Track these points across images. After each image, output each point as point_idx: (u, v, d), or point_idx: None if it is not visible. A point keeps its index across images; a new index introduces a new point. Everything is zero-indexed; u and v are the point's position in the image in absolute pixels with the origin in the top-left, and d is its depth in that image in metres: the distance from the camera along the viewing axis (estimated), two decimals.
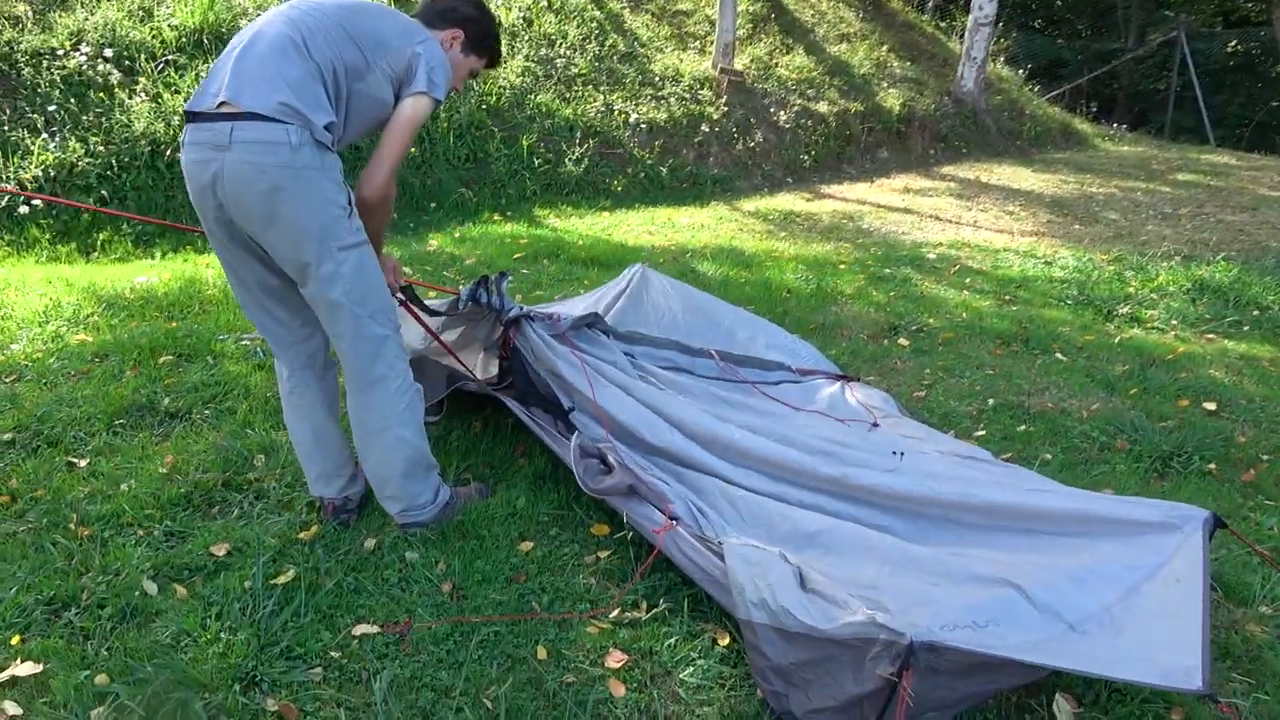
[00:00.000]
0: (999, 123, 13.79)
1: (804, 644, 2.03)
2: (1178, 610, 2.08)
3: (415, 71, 2.42)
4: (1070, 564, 2.27)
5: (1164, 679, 1.88)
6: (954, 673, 1.92)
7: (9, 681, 2.12)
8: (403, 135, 2.43)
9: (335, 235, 2.31)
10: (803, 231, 8.00)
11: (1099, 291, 5.70)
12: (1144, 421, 3.69)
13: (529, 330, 3.09)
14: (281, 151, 2.19)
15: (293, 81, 2.23)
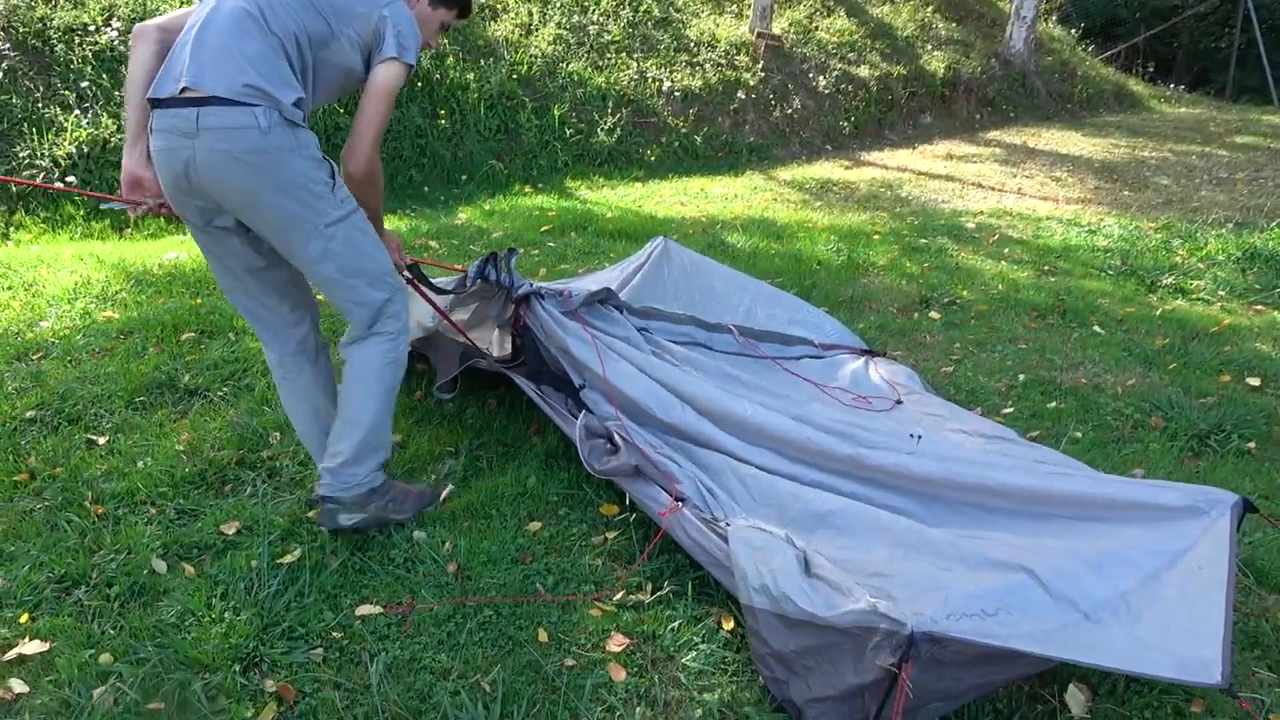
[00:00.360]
0: (1049, 85, 13.36)
1: (805, 631, 1.98)
2: (1199, 599, 1.98)
3: (383, 36, 2.33)
4: (1089, 549, 2.18)
5: (1180, 672, 1.79)
6: (958, 664, 1.86)
7: (16, 659, 2.15)
8: (379, 105, 2.35)
9: (320, 213, 2.27)
10: (839, 201, 7.83)
11: (1143, 261, 5.49)
12: (1181, 398, 3.54)
13: (539, 307, 3.05)
14: (251, 136, 2.13)
15: (254, 59, 2.16)
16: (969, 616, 1.97)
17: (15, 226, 6.05)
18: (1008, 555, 2.20)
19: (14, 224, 6.05)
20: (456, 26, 2.72)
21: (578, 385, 2.96)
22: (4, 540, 2.59)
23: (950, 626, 1.83)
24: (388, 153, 7.69)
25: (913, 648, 1.75)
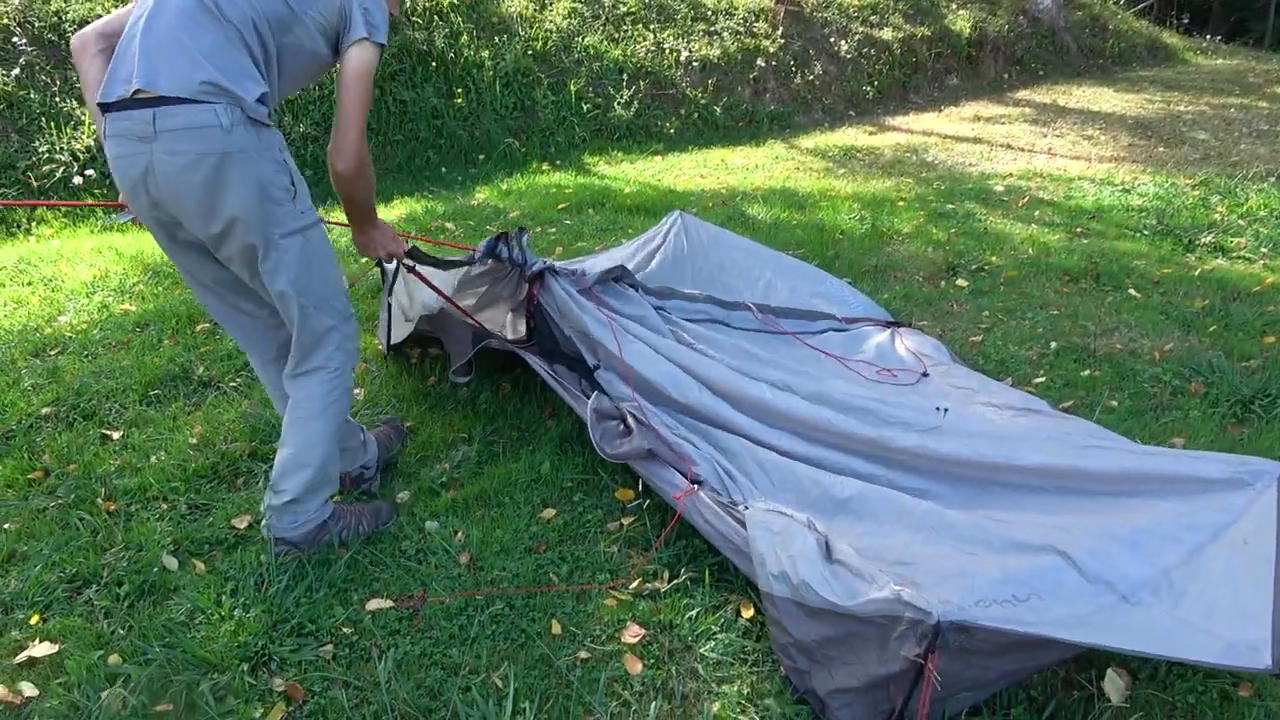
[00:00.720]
0: (1079, 41, 12.98)
1: (827, 620, 1.90)
2: (1245, 576, 1.88)
3: (350, 16, 2.18)
4: (1124, 525, 2.07)
5: (1226, 657, 1.69)
6: (987, 652, 1.77)
7: (26, 662, 2.13)
8: (358, 92, 2.17)
9: (278, 222, 2.13)
10: (863, 168, 7.65)
11: (1180, 220, 5.29)
12: (1223, 362, 3.39)
13: (554, 284, 2.96)
14: (212, 136, 1.99)
15: (209, 52, 2.01)
16: (999, 604, 1.88)
17: (37, 221, 6.07)
18: (1037, 536, 2.10)
19: (35, 219, 6.07)
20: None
21: (592, 366, 2.88)
22: (18, 540, 2.57)
23: (979, 615, 1.74)
24: (404, 135, 7.63)
25: (939, 637, 1.67)
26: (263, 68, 2.13)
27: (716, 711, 1.94)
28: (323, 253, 2.29)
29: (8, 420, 3.20)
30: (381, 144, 7.46)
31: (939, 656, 1.69)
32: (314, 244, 2.25)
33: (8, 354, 3.72)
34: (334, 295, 2.34)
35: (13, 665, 2.12)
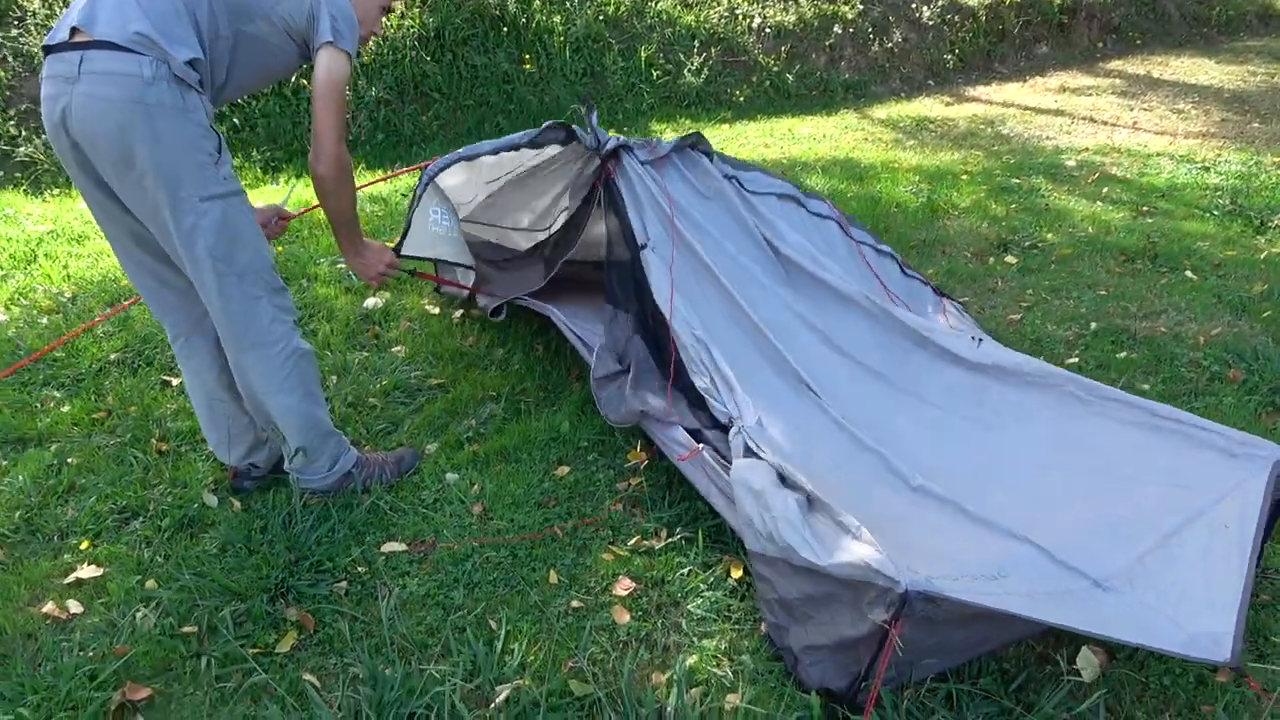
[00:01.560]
0: (1182, 7, 12.32)
1: (808, 578, 1.95)
2: (1220, 563, 1.87)
3: (318, 20, 2.21)
4: (1105, 517, 2.08)
5: (1188, 648, 1.70)
6: (951, 622, 1.81)
7: (74, 583, 2.35)
8: (328, 99, 2.23)
9: (196, 183, 2.12)
10: (933, 139, 7.49)
11: (1256, 200, 5.06)
12: (1270, 348, 3.28)
13: (628, 163, 2.97)
14: (132, 84, 2.00)
15: (150, 10, 2.04)
16: (971, 577, 1.91)
17: None
18: (1017, 524, 2.11)
19: None
20: (394, 8, 2.42)
21: (640, 244, 2.85)
22: (78, 473, 2.80)
23: (946, 586, 1.78)
24: (474, 100, 7.76)
25: (906, 605, 1.71)
26: (206, 43, 2.14)
27: (693, 663, 2.03)
28: (247, 223, 2.27)
29: (80, 363, 3.46)
30: (452, 109, 7.61)
31: (904, 624, 1.74)
32: (236, 212, 2.23)
33: (86, 303, 3.99)
34: (261, 267, 2.30)
35: (63, 585, 2.34)
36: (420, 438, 2.99)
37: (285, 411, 2.44)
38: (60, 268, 4.36)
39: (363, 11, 2.40)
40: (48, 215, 5.16)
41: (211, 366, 2.52)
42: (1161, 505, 2.03)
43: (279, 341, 2.38)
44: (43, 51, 2.09)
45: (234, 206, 2.22)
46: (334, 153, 2.26)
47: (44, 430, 3.03)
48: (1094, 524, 2.05)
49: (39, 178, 6.09)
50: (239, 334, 2.33)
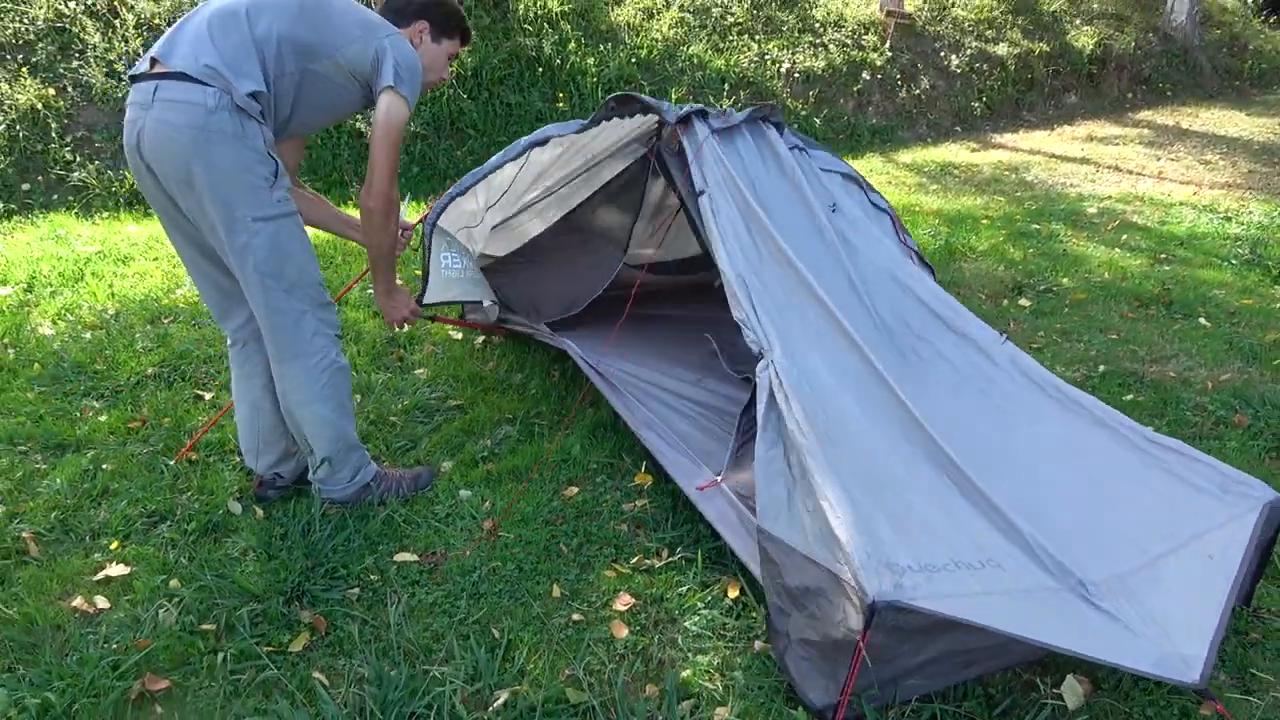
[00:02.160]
0: (1214, 60, 12.38)
1: (809, 569, 2.00)
2: (1200, 590, 1.93)
3: (382, 65, 2.38)
4: (1098, 523, 2.12)
5: (1158, 668, 1.75)
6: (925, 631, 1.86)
7: (103, 580, 2.47)
8: (384, 142, 2.40)
9: (250, 205, 2.30)
10: (956, 184, 7.59)
11: (1276, 251, 5.09)
12: (1278, 395, 3.32)
13: (698, 127, 2.99)
14: (196, 112, 2.20)
15: (224, 48, 2.25)
16: (958, 568, 1.92)
17: None
18: (1019, 512, 2.11)
19: None
20: (461, 55, 2.61)
21: (699, 190, 2.86)
22: (112, 479, 2.94)
23: (920, 590, 1.82)
24: (508, 136, 7.97)
25: (875, 616, 1.78)
26: (270, 78, 2.33)
27: (686, 676, 2.10)
28: (297, 242, 2.43)
29: (119, 376, 3.62)
30: (486, 144, 7.83)
31: (873, 634, 1.79)
32: (287, 232, 2.39)
33: (128, 319, 4.18)
34: (309, 284, 2.47)
35: (92, 581, 2.46)
36: (437, 455, 3.10)
37: (317, 421, 2.58)
38: (105, 286, 4.56)
39: (430, 59, 2.63)
40: (97, 237, 5.40)
41: (261, 374, 2.67)
42: (1151, 529, 2.09)
43: (319, 353, 2.54)
44: (129, 80, 2.32)
45: (285, 228, 2.39)
46: (385, 191, 2.45)
47: (82, 437, 3.18)
48: (1086, 530, 2.09)
49: (90, 201, 6.36)
50: (282, 344, 2.50)
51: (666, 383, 3.22)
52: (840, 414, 2.22)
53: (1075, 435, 2.43)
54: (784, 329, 2.47)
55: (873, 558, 1.87)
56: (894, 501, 2.03)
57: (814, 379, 2.33)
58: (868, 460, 2.12)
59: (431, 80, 2.67)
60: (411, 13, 2.61)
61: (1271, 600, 2.32)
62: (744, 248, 2.72)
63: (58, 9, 7.00)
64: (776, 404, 2.20)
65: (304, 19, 2.36)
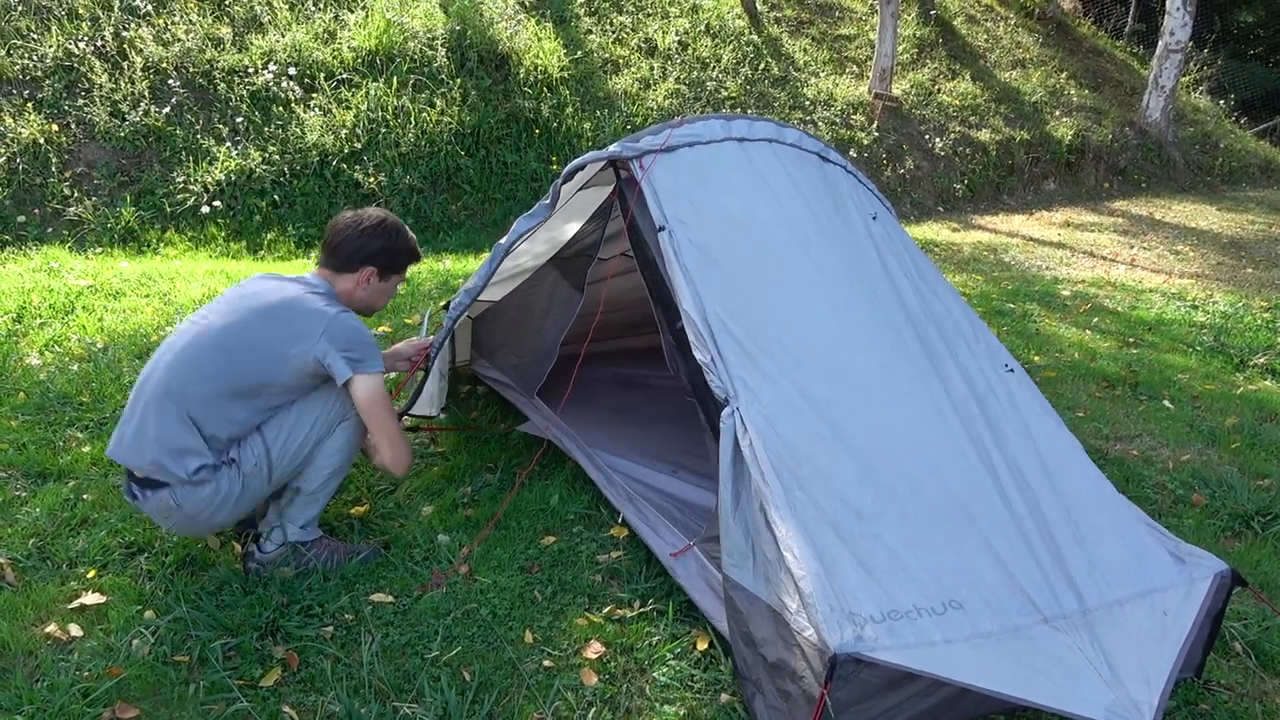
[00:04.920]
0: (1187, 156, 12.84)
1: (768, 619, 2.06)
2: (1153, 643, 2.01)
3: (330, 365, 2.46)
4: (1069, 556, 2.19)
5: (1110, 714, 1.81)
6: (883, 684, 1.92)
7: (78, 608, 2.49)
8: (378, 417, 2.54)
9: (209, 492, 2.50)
10: (937, 262, 7.79)
11: (1238, 340, 5.27)
12: (1236, 477, 3.43)
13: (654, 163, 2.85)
14: (171, 509, 2.48)
15: (159, 434, 2.42)
16: (920, 615, 1.97)
17: (165, 243, 6.75)
18: (994, 535, 2.17)
19: (165, 240, 6.75)
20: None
21: (659, 226, 2.72)
22: (92, 509, 2.97)
23: (881, 639, 1.88)
24: (503, 194, 8.15)
25: (835, 669, 1.84)
26: (218, 433, 2.47)
27: None
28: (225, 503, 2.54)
29: (104, 408, 3.66)
30: (481, 200, 8.00)
31: (836, 685, 1.85)
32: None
33: (116, 353, 4.22)
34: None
35: (67, 609, 2.48)
36: (417, 500, 3.14)
37: (330, 454, 2.64)
38: (95, 320, 4.61)
39: (377, 296, 2.75)
40: (89, 271, 5.46)
41: None
42: (1119, 574, 2.17)
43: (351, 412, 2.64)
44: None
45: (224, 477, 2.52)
46: (402, 455, 2.64)
47: (64, 467, 3.20)
48: (1059, 559, 2.16)
49: (85, 236, 6.43)
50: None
51: (643, 475, 3.17)
52: (811, 451, 2.23)
53: (1064, 455, 2.47)
54: (754, 364, 2.40)
55: (835, 610, 1.93)
56: (862, 540, 2.08)
57: (783, 418, 2.29)
58: (839, 496, 2.16)
59: (378, 307, 2.81)
60: (359, 260, 2.66)
61: (1221, 674, 2.39)
62: (712, 283, 2.60)
63: (68, 48, 7.16)
64: (741, 452, 2.22)
65: (234, 369, 2.46)
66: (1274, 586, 2.82)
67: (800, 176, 2.94)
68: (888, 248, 2.90)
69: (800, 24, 11.96)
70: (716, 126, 2.97)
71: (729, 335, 2.47)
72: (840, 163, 3.17)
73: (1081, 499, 2.36)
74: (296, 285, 2.60)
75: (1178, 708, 2.25)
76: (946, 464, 2.32)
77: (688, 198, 2.78)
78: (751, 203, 2.82)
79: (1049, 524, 2.26)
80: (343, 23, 8.47)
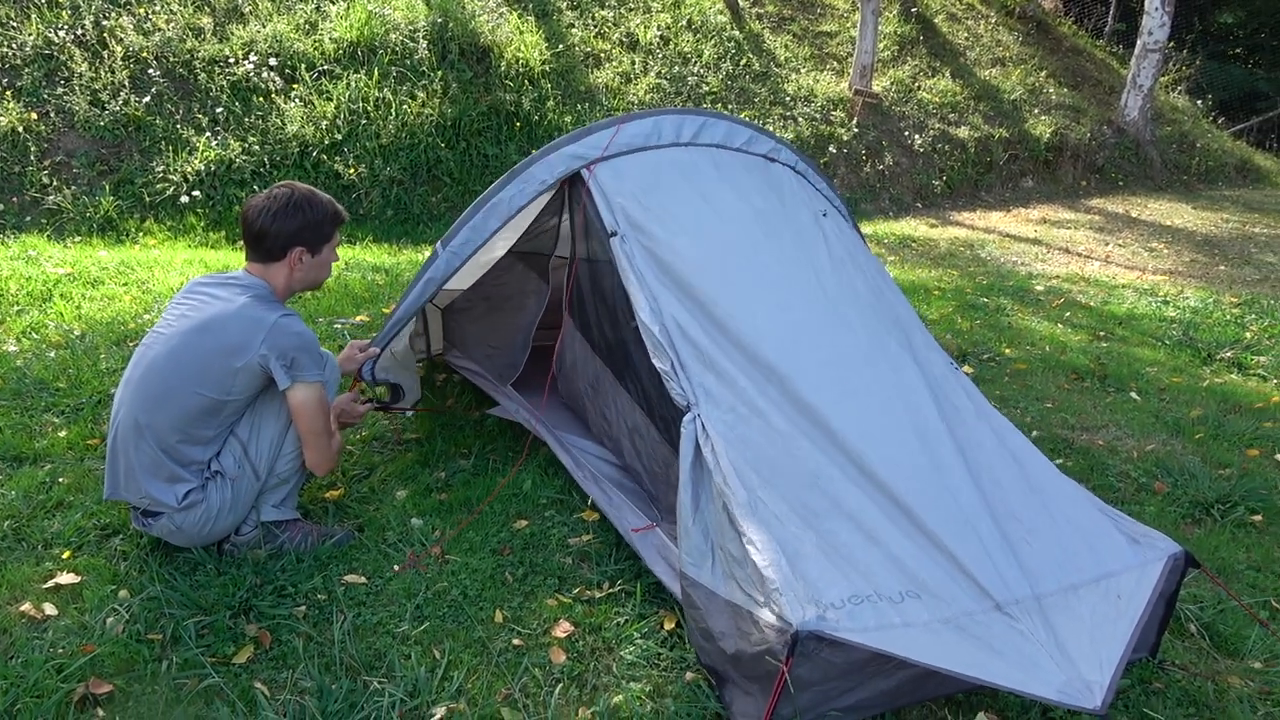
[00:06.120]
0: (1165, 155, 12.99)
1: (726, 612, 2.11)
2: (1107, 625, 2.06)
3: (273, 372, 2.50)
4: (1022, 542, 2.25)
5: (1061, 695, 1.87)
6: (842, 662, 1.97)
7: (53, 588, 2.51)
8: (307, 423, 2.58)
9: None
10: (913, 257, 7.88)
11: (1206, 335, 5.37)
12: (1198, 466, 3.51)
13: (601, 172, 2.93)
14: (174, 532, 2.56)
15: (146, 467, 2.50)
16: (880, 600, 2.03)
17: (144, 233, 6.73)
18: (944, 529, 2.21)
19: (144, 230, 6.74)
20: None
21: (610, 231, 2.79)
22: (67, 492, 2.98)
23: (842, 622, 1.93)
24: (482, 187, 8.17)
25: (797, 645, 1.89)
26: (197, 461, 2.55)
27: (618, 701, 2.18)
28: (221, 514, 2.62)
29: (81, 394, 3.67)
30: (461, 193, 8.02)
31: (797, 664, 1.90)
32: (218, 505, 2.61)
33: (94, 341, 4.23)
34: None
35: (41, 589, 2.50)
36: (391, 484, 3.18)
37: (296, 438, 2.67)
38: (73, 307, 4.61)
39: (316, 270, 2.72)
40: (67, 259, 5.45)
41: None
42: (1070, 559, 2.23)
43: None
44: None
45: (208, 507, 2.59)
46: (326, 457, 2.70)
47: (40, 451, 3.22)
48: (1011, 547, 2.21)
49: (64, 225, 6.41)
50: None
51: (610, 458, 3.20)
52: (771, 452, 2.31)
53: (1012, 453, 2.53)
54: (712, 369, 2.46)
55: (799, 595, 1.99)
56: (823, 534, 2.14)
57: (742, 421, 2.37)
58: (798, 494, 2.23)
59: (323, 278, 2.78)
60: (285, 243, 2.61)
61: (1176, 654, 2.46)
62: (666, 289, 2.65)
63: (48, 37, 7.13)
64: (702, 455, 2.30)
65: (189, 392, 2.48)
66: (1231, 571, 2.89)
67: (746, 180, 3.04)
68: (838, 242, 2.96)
69: (782, 20, 12.03)
70: (666, 127, 3.02)
71: (687, 341, 2.53)
72: (790, 163, 3.24)
73: (1035, 487, 2.43)
74: (230, 290, 2.59)
75: (1132, 686, 2.32)
76: (898, 458, 2.38)
77: (637, 200, 2.84)
78: (698, 209, 2.88)
79: (1000, 513, 2.33)
80: (324, 14, 8.46)
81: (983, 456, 2.44)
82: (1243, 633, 2.55)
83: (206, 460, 2.57)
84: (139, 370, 2.54)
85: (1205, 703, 2.29)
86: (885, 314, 2.79)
